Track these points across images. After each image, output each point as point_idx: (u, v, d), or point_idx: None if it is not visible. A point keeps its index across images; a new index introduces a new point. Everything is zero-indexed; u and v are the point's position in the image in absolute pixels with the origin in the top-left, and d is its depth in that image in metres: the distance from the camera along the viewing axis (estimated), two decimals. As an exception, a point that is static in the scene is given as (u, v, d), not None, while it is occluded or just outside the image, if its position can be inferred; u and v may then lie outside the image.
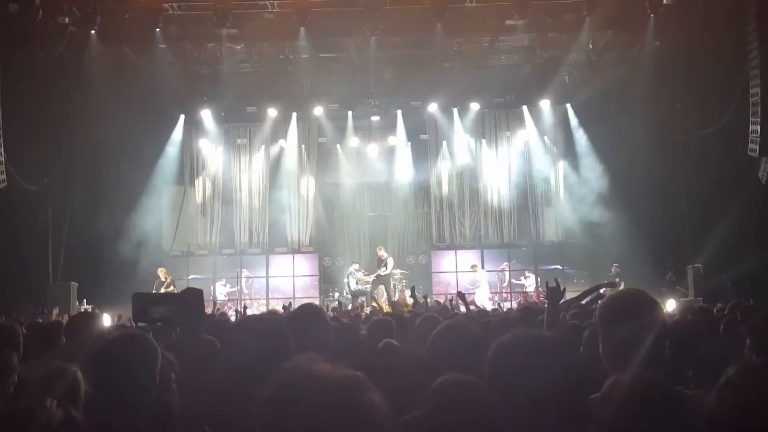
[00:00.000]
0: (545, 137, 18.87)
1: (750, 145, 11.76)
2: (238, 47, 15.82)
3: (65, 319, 10.61)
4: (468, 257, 18.52)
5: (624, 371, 2.11)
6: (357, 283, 16.61)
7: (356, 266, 17.09)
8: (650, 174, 15.29)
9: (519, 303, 14.69)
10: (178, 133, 18.24)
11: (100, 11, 12.99)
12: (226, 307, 16.13)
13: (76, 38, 13.26)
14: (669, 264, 14.67)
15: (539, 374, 1.86)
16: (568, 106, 18.38)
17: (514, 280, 18.53)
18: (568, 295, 4.24)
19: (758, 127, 11.46)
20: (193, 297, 2.71)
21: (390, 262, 16.74)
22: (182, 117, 18.16)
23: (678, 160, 14.61)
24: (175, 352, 3.04)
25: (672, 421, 1.74)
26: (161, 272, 15.81)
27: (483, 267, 17.77)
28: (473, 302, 11.59)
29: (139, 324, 4.13)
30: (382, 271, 16.55)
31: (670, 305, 11.17)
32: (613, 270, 15.37)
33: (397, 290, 16.45)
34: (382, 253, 16.92)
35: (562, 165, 18.75)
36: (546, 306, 3.51)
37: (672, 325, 4.20)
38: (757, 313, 3.69)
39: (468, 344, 2.68)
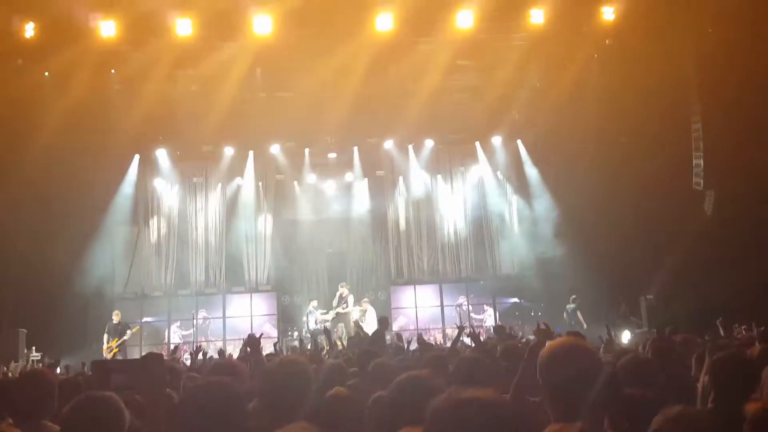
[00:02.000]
0: (498, 172, 19.28)
1: (695, 179, 12.26)
2: (194, 87, 15.81)
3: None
4: (427, 292, 18.64)
5: (568, 420, 2.20)
6: (316, 323, 16.49)
7: (315, 304, 16.99)
8: (602, 205, 15.73)
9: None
10: (132, 173, 17.96)
11: (53, 52, 12.86)
12: (182, 350, 15.78)
13: (30, 75, 13.08)
14: (620, 297, 15.04)
15: None
16: (519, 141, 18.86)
17: (473, 315, 18.66)
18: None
19: (701, 161, 11.98)
20: (154, 363, 2.66)
21: (351, 299, 16.70)
22: (137, 157, 17.92)
23: (627, 194, 15.09)
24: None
25: None
26: (116, 316, 15.42)
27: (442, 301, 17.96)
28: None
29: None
30: (342, 308, 16.48)
31: (625, 337, 11.45)
32: (571, 301, 15.67)
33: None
34: (344, 290, 16.88)
35: (515, 199, 19.13)
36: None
37: (624, 364, 4.33)
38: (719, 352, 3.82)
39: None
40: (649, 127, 13.80)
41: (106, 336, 14.85)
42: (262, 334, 5.33)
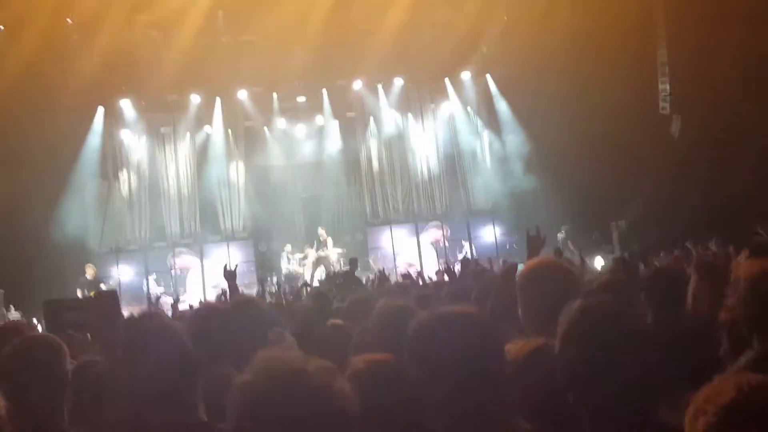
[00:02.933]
0: (468, 108, 19.24)
1: (661, 104, 12.39)
2: (154, 34, 15.36)
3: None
4: (403, 231, 18.80)
5: (546, 336, 2.29)
6: (290, 263, 16.63)
7: (289, 248, 17.06)
8: (571, 138, 15.81)
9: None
10: (97, 126, 17.53)
11: (6, 2, 12.35)
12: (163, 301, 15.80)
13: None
14: (592, 224, 15.32)
15: (457, 353, 1.86)
16: (488, 76, 18.77)
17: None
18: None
19: (667, 86, 12.08)
20: (107, 300, 2.65)
21: (330, 242, 16.82)
22: (101, 109, 17.48)
23: (596, 123, 15.19)
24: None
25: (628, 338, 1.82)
26: (89, 269, 15.32)
27: (419, 240, 18.14)
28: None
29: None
30: (322, 252, 16.61)
31: (598, 263, 11.75)
32: (562, 231, 15.78)
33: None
34: (322, 232, 16.97)
35: (487, 134, 19.16)
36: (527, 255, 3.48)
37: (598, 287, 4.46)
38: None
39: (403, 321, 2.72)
40: (616, 54, 13.81)
41: (79, 292, 14.77)
42: (237, 266, 5.30)
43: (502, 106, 18.59)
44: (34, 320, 11.46)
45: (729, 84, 11.64)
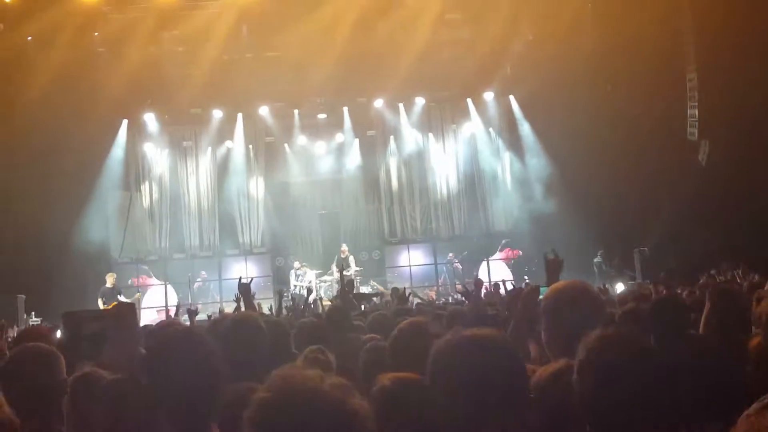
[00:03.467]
0: (490, 129, 19.17)
1: (689, 129, 12.23)
2: (179, 49, 15.55)
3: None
4: (420, 251, 18.74)
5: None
6: (298, 279, 16.58)
7: (297, 264, 17.02)
8: (595, 160, 15.70)
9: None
10: (121, 138, 17.76)
11: (36, 17, 12.58)
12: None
13: (12, 44, 12.82)
14: (614, 250, 15.11)
15: (481, 376, 1.86)
16: (512, 97, 18.70)
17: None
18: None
19: (696, 111, 11.93)
20: (125, 312, 2.66)
21: (352, 260, 16.77)
22: (125, 122, 17.71)
23: (620, 147, 15.05)
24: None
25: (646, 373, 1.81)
26: (110, 278, 15.44)
27: (436, 260, 18.05)
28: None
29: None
30: (347, 272, 16.53)
31: (619, 289, 11.57)
32: (599, 256, 15.52)
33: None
34: (345, 249, 16.94)
35: (508, 156, 19.07)
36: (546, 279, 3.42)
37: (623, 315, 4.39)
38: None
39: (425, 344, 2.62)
40: (643, 79, 13.71)
41: (100, 300, 14.85)
42: (251, 279, 5.28)
43: (524, 127, 18.49)
44: (59, 333, 11.56)
45: (758, 110, 11.48)
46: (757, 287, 6.27)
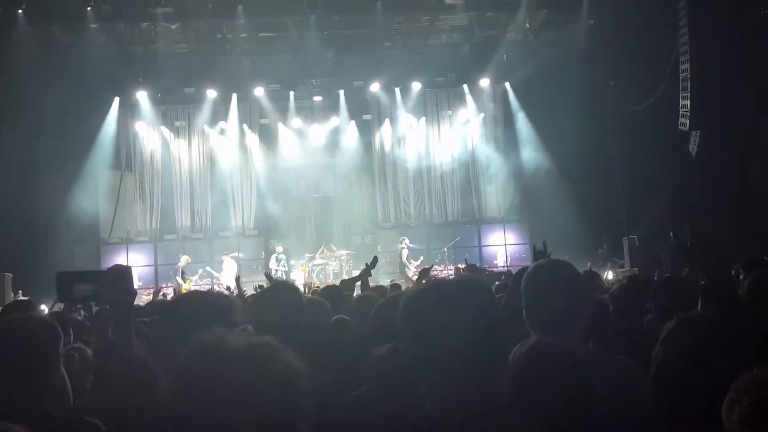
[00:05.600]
0: (485, 115, 19.11)
1: (680, 120, 12.20)
2: (173, 26, 15.41)
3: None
4: (414, 236, 18.71)
5: (546, 334, 2.19)
6: (278, 264, 16.54)
7: (280, 248, 16.94)
8: (587, 149, 15.69)
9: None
10: (113, 116, 17.59)
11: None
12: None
13: (2, 18, 12.67)
14: (603, 237, 15.12)
15: (450, 316, 1.64)
16: (507, 84, 18.64)
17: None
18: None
19: (688, 102, 11.89)
20: (120, 274, 2.56)
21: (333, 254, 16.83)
22: (117, 99, 17.51)
23: (613, 136, 15.04)
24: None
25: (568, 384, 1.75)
26: (185, 259, 15.80)
27: (429, 245, 18.01)
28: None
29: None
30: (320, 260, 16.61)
31: (610, 275, 11.58)
32: (604, 247, 15.44)
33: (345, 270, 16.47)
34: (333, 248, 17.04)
35: (503, 142, 19.02)
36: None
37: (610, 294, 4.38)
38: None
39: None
40: (636, 68, 13.66)
41: (179, 278, 15.34)
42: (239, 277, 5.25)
43: (519, 114, 18.45)
44: (43, 306, 11.50)
45: (750, 101, 11.45)
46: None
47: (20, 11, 12.78)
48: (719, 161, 11.84)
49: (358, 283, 5.98)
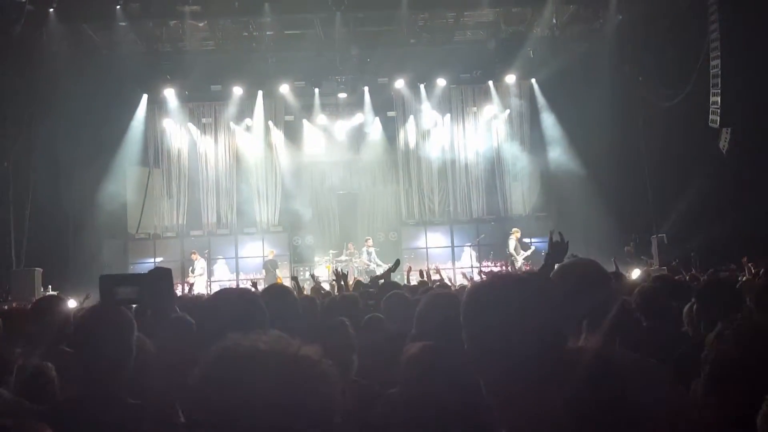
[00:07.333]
0: (511, 112, 18.97)
1: (711, 116, 11.98)
2: (201, 24, 15.56)
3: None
4: (438, 233, 18.68)
5: (575, 338, 2.17)
6: (369, 257, 16.69)
7: (370, 241, 17.15)
8: (615, 146, 15.49)
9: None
10: (141, 113, 17.85)
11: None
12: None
13: (34, 17, 12.87)
14: (633, 234, 14.89)
15: (513, 311, 1.66)
16: (533, 81, 18.47)
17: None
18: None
19: (718, 99, 11.67)
20: (163, 276, 2.62)
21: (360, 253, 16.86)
22: (145, 96, 17.76)
23: (641, 133, 14.83)
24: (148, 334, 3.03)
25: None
26: (194, 256, 16.15)
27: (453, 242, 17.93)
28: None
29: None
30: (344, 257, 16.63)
31: (635, 274, 11.40)
32: (631, 245, 15.22)
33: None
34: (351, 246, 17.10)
35: (529, 139, 18.87)
36: (545, 263, 3.27)
37: (635, 295, 4.32)
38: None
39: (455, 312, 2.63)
40: (666, 64, 13.45)
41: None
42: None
43: (545, 111, 18.28)
44: (71, 300, 11.69)
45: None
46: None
47: (51, 10, 12.97)
48: (750, 158, 11.60)
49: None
